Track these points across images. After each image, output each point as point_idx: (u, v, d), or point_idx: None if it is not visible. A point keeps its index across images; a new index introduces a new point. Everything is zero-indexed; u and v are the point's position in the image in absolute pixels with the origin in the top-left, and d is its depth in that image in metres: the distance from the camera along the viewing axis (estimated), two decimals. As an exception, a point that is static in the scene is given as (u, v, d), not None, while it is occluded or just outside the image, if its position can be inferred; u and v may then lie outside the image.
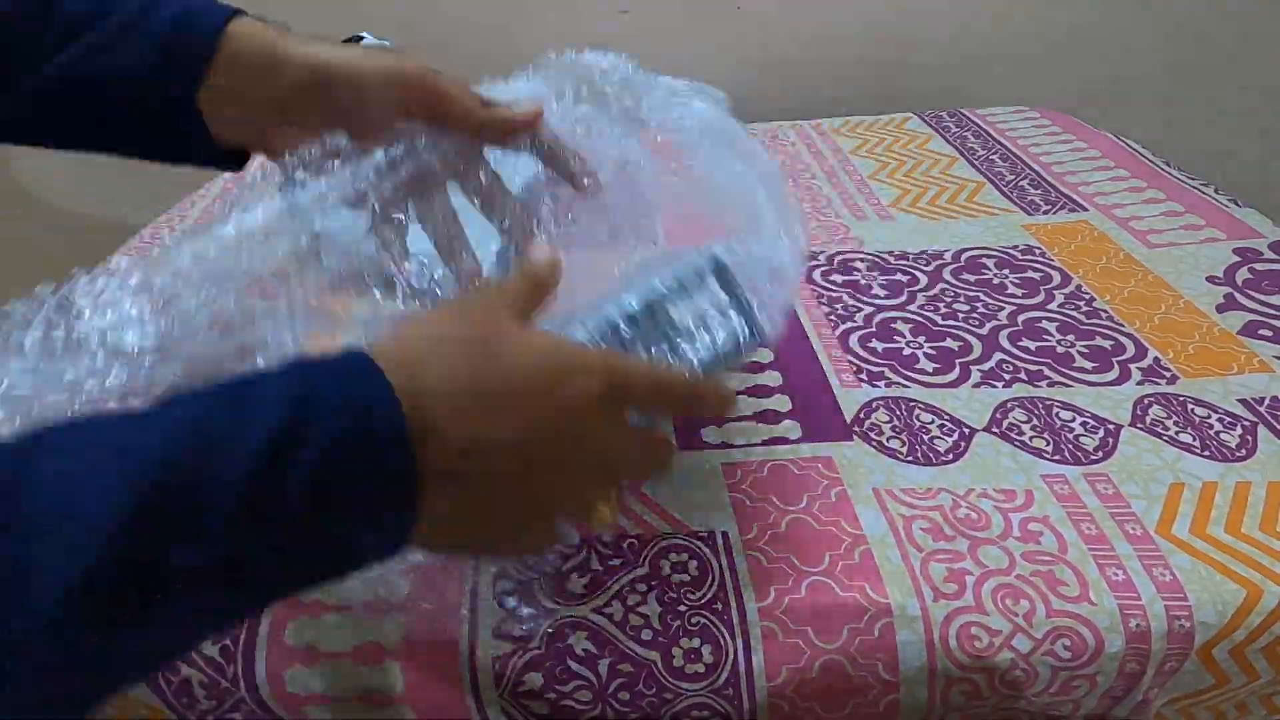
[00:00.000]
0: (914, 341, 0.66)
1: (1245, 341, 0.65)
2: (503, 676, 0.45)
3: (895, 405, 0.59)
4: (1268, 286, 0.71)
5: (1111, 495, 0.52)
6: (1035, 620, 0.45)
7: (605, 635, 0.45)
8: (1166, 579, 0.46)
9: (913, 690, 0.45)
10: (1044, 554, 0.48)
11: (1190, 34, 1.30)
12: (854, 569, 0.47)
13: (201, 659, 0.46)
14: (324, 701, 0.46)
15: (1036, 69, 1.31)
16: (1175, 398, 0.59)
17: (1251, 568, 0.47)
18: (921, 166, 0.98)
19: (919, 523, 0.50)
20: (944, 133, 1.07)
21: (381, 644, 0.46)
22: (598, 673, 0.44)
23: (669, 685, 0.44)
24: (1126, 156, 0.97)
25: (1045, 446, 0.55)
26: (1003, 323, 0.68)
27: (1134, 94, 1.34)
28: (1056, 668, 0.45)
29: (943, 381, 0.62)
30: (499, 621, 0.46)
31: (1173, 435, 0.56)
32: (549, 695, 0.44)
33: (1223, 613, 0.45)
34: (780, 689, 0.45)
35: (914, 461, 0.55)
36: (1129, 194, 0.88)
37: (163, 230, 0.89)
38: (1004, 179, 0.94)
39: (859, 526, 0.50)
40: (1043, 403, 0.59)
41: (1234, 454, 0.54)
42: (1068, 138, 1.03)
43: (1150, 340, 0.65)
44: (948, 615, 0.45)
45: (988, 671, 0.45)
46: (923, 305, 0.71)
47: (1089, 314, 0.69)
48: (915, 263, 0.77)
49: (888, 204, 0.90)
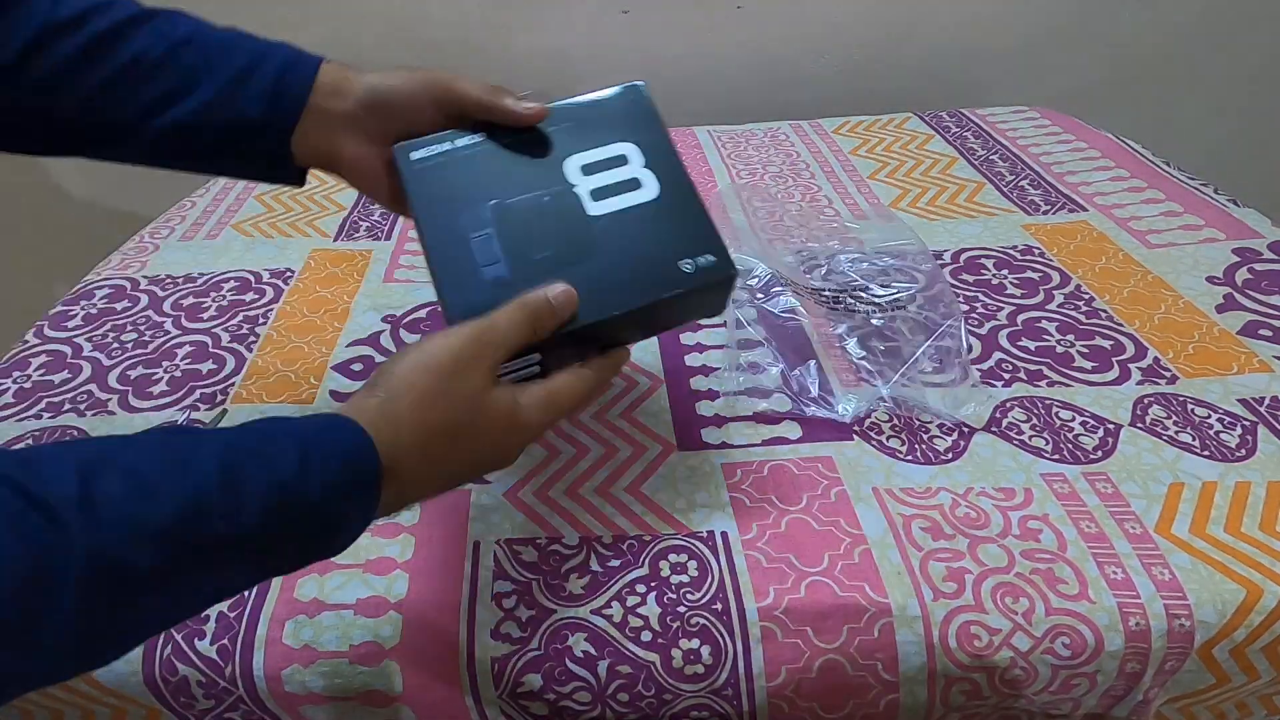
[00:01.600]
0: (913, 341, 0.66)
1: (1245, 341, 0.65)
2: (502, 677, 0.45)
3: (896, 404, 0.59)
4: (1267, 286, 0.71)
5: (1111, 494, 0.52)
6: (1035, 619, 0.45)
7: (604, 636, 0.45)
8: (1166, 578, 0.46)
9: (913, 690, 0.45)
10: (1043, 552, 0.48)
11: (1190, 33, 1.30)
12: (854, 569, 0.47)
13: (199, 659, 0.46)
14: (322, 701, 0.46)
15: (1036, 69, 1.31)
16: (1175, 397, 0.59)
17: (1251, 567, 0.47)
18: (921, 166, 0.98)
19: (918, 522, 0.50)
20: (944, 133, 1.07)
21: (380, 644, 0.46)
22: (597, 674, 0.44)
23: (668, 686, 0.44)
24: (1126, 156, 0.97)
25: (1045, 446, 0.55)
26: (1002, 323, 0.68)
27: (1134, 94, 1.34)
28: (1056, 666, 0.45)
29: (943, 381, 0.61)
30: (498, 622, 0.46)
31: (1172, 435, 0.56)
32: (548, 696, 0.44)
33: (1223, 612, 0.45)
34: (780, 689, 0.45)
35: (913, 461, 0.55)
36: (1129, 194, 0.88)
37: (162, 230, 0.89)
38: (1004, 179, 0.94)
39: (859, 526, 0.50)
40: (1042, 402, 0.59)
41: (1234, 454, 0.54)
42: (1068, 138, 1.03)
43: (1150, 340, 0.65)
44: (947, 614, 0.45)
45: (988, 670, 0.45)
46: (922, 305, 0.71)
47: (1089, 314, 0.69)
48: (916, 263, 0.77)
49: (888, 204, 0.90)
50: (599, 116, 0.49)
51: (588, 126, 0.48)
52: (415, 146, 0.47)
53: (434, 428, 0.37)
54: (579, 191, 0.46)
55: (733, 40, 1.25)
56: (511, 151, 0.47)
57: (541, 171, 0.47)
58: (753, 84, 1.29)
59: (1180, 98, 1.35)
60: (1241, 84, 1.35)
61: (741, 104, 1.29)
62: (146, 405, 0.63)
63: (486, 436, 0.39)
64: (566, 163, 0.47)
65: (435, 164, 0.47)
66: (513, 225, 0.45)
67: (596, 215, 0.46)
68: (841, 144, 1.06)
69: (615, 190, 0.46)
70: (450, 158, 0.47)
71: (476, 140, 0.47)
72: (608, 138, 0.48)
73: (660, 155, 0.48)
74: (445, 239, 0.45)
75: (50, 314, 0.75)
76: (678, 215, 0.46)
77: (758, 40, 1.25)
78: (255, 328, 0.72)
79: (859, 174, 0.97)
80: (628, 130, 0.48)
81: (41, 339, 0.71)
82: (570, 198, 0.46)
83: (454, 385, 0.38)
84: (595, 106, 0.49)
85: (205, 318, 0.73)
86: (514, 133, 0.47)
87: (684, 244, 0.45)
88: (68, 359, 0.69)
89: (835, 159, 1.02)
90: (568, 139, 0.48)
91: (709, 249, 0.45)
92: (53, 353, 0.70)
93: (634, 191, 0.46)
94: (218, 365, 0.67)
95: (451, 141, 0.47)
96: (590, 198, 0.46)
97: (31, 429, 0.61)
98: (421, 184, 0.46)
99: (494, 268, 0.44)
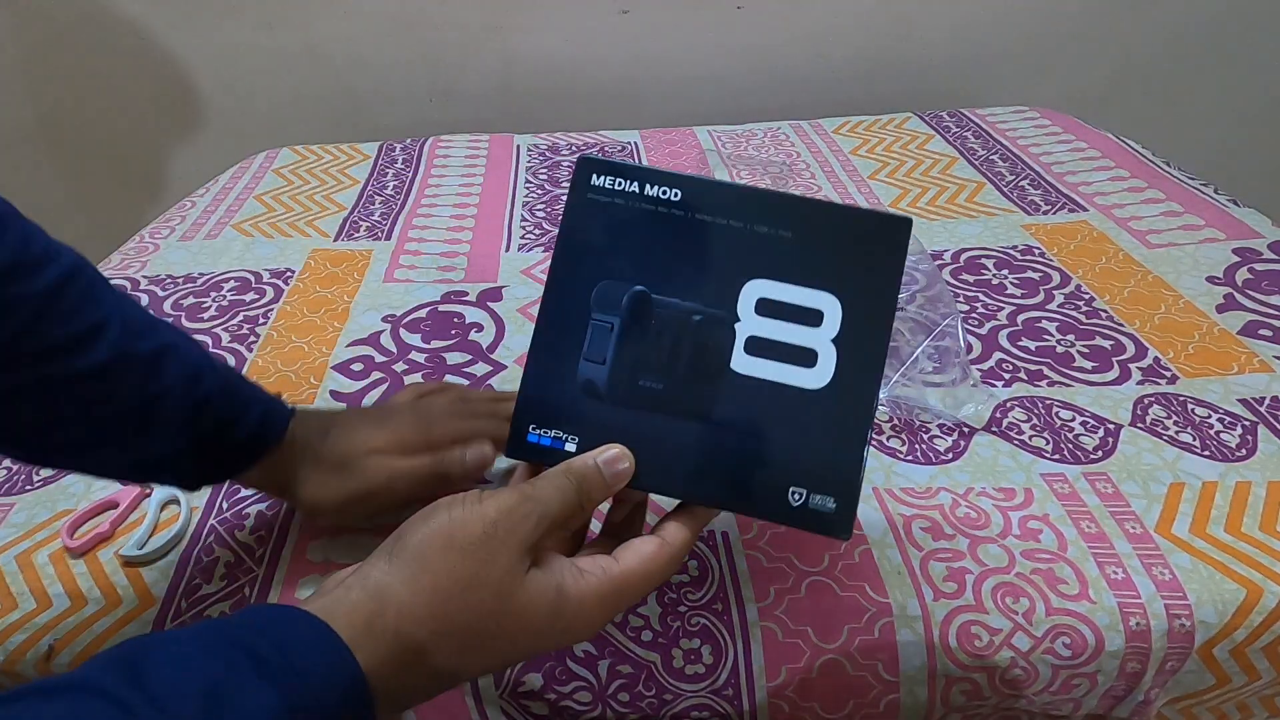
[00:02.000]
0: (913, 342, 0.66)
1: (1245, 341, 0.65)
2: (502, 677, 0.45)
3: (895, 405, 0.59)
4: (1267, 286, 0.71)
5: (1111, 494, 0.52)
6: (1035, 619, 0.45)
7: (605, 636, 0.45)
8: (1166, 578, 0.46)
9: (913, 690, 0.45)
10: (1044, 552, 0.48)
11: (1190, 33, 1.30)
12: (854, 569, 0.47)
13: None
14: (323, 701, 0.46)
15: (1036, 69, 1.31)
16: (1175, 397, 0.59)
17: (1251, 567, 0.47)
18: (922, 166, 0.98)
19: (919, 522, 0.50)
20: (944, 133, 1.07)
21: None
22: (597, 673, 0.44)
23: (669, 686, 0.44)
24: (1126, 156, 0.97)
25: (1045, 445, 0.55)
26: (1002, 323, 0.68)
27: (1134, 94, 1.34)
28: (1057, 666, 0.45)
29: (943, 381, 0.61)
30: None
31: (1173, 435, 0.56)
32: (549, 696, 0.44)
33: (1223, 612, 0.45)
34: (780, 689, 0.45)
35: (914, 461, 0.55)
36: (1129, 194, 0.88)
37: (162, 230, 0.89)
38: (1004, 179, 0.94)
39: (859, 526, 0.50)
40: (1042, 402, 0.59)
41: (1234, 454, 0.54)
42: (1068, 138, 1.03)
43: (1150, 340, 0.65)
44: (948, 614, 0.45)
45: (988, 670, 0.45)
46: (922, 305, 0.71)
47: (1089, 314, 0.69)
48: (915, 263, 0.77)
49: (888, 204, 0.90)
50: (830, 240, 0.37)
51: (808, 247, 0.37)
52: (600, 167, 0.38)
53: (453, 620, 0.32)
54: (739, 329, 0.36)
55: (733, 40, 1.25)
56: (698, 235, 0.37)
57: (713, 281, 0.37)
58: (753, 84, 1.29)
59: (1180, 98, 1.35)
60: (1241, 84, 1.35)
61: (741, 104, 1.29)
62: (147, 405, 0.63)
63: (521, 629, 0.33)
64: (749, 286, 0.37)
65: (607, 203, 0.38)
66: (642, 328, 0.37)
67: (739, 372, 0.36)
68: (842, 144, 1.06)
69: (780, 354, 0.36)
70: (630, 204, 0.38)
71: (668, 196, 0.37)
72: (815, 278, 0.36)
73: (863, 332, 0.36)
74: (565, 305, 0.37)
75: (50, 314, 0.75)
76: (830, 426, 0.36)
77: (758, 40, 1.25)
78: (255, 328, 0.72)
79: (859, 174, 0.97)
80: (846, 279, 0.36)
81: (42, 339, 0.71)
82: (724, 333, 0.36)
83: (482, 570, 0.32)
84: (835, 223, 0.37)
85: (205, 318, 0.73)
86: (716, 206, 0.37)
87: (810, 468, 0.36)
88: (68, 359, 0.69)
89: (835, 159, 1.02)
90: (771, 253, 0.37)
91: (835, 489, 0.35)
92: (53, 353, 0.70)
93: (800, 367, 0.36)
94: (218, 365, 0.67)
95: (642, 183, 0.38)
96: (745, 346, 0.36)
97: (32, 429, 0.61)
98: (582, 218, 0.38)
99: (594, 368, 0.37)
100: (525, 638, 0.33)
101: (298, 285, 0.78)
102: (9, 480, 0.56)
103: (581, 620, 0.34)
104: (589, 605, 0.34)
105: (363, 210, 0.93)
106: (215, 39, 1.25)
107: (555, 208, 0.92)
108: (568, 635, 0.34)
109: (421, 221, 0.90)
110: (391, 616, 0.31)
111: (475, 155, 1.07)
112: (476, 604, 0.32)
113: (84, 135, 1.32)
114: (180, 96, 1.29)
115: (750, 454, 0.36)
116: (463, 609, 0.32)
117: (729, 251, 0.37)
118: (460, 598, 0.32)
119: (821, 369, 0.36)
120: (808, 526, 0.36)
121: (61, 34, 1.24)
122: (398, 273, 0.80)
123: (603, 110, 1.30)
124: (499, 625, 0.32)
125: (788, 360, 0.36)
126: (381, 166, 1.05)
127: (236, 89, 1.29)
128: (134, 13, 1.22)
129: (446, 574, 0.32)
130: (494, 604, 0.32)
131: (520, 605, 0.32)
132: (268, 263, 0.82)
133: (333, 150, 1.10)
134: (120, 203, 1.35)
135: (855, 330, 0.36)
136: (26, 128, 1.31)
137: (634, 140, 1.10)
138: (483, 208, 0.93)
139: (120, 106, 1.30)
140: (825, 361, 0.36)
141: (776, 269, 0.37)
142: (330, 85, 1.28)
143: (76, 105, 1.30)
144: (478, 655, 0.33)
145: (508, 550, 0.32)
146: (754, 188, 0.38)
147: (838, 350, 0.36)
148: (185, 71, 1.27)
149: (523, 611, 0.33)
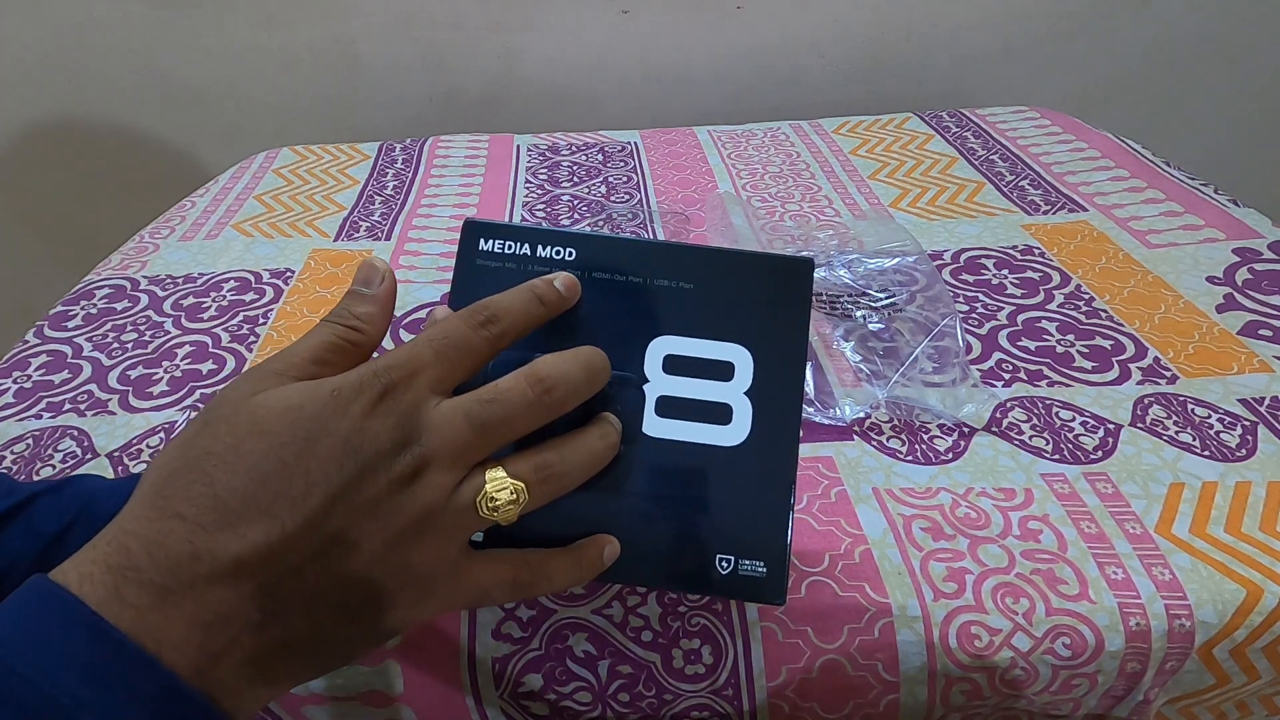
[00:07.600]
0: (912, 342, 0.66)
1: (1245, 341, 0.65)
2: (502, 677, 0.45)
3: (895, 405, 0.59)
4: (1267, 286, 0.71)
5: (1111, 494, 0.52)
6: (1035, 619, 0.45)
7: (605, 636, 0.45)
8: (1166, 578, 0.46)
9: (913, 690, 0.45)
10: (1044, 552, 0.48)
11: (1190, 34, 1.30)
12: (854, 569, 0.47)
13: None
14: (323, 701, 0.46)
15: (1036, 69, 1.31)
16: (1175, 397, 0.59)
17: (1251, 568, 0.47)
18: (922, 166, 0.98)
19: (919, 522, 0.50)
20: (944, 133, 1.07)
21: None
22: (597, 674, 0.44)
23: (669, 686, 0.44)
24: (1126, 156, 0.97)
25: (1045, 446, 0.55)
26: (1002, 323, 0.68)
27: (1134, 94, 1.34)
28: (1057, 666, 0.45)
29: (943, 381, 0.62)
30: (499, 622, 0.46)
31: (1173, 435, 0.56)
32: (549, 696, 0.44)
33: (1223, 612, 0.45)
34: (780, 689, 0.45)
35: (913, 461, 0.55)
36: (1129, 194, 0.88)
37: (162, 230, 0.89)
38: (1004, 179, 0.94)
39: (859, 526, 0.50)
40: (1042, 402, 0.59)
41: (1234, 454, 0.54)
42: (1068, 138, 1.03)
43: (1150, 340, 0.65)
44: (948, 614, 0.45)
45: (988, 670, 0.45)
46: (921, 306, 0.71)
47: (1089, 314, 0.69)
48: (915, 263, 0.77)
49: (888, 204, 0.90)
50: (732, 289, 0.35)
51: (712, 298, 0.35)
52: (487, 231, 0.36)
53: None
54: (649, 390, 0.34)
55: (733, 40, 1.25)
56: (596, 295, 0.35)
57: (618, 342, 0.34)
58: (753, 84, 1.29)
59: (1180, 98, 1.35)
60: (1241, 83, 1.35)
61: (741, 104, 1.29)
62: (146, 405, 0.63)
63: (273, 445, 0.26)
64: (655, 344, 0.35)
65: (497, 268, 0.35)
66: None
67: (652, 436, 0.34)
68: (841, 144, 1.06)
69: (693, 412, 0.34)
70: (522, 267, 0.35)
71: (562, 256, 0.35)
72: (722, 330, 0.35)
73: (776, 382, 0.34)
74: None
75: (50, 314, 0.75)
76: (752, 484, 0.34)
77: (758, 40, 1.26)
78: (255, 328, 0.72)
79: (859, 174, 0.97)
80: (753, 328, 0.35)
81: (41, 339, 0.71)
82: (634, 395, 0.34)
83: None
84: (735, 270, 0.35)
85: (205, 318, 0.73)
86: (613, 263, 0.35)
87: (735, 532, 0.34)
88: (68, 359, 0.69)
89: (835, 159, 1.02)
90: (675, 307, 0.35)
91: (764, 553, 0.34)
92: (53, 353, 0.70)
93: (715, 425, 0.34)
94: (218, 365, 0.67)
95: (533, 245, 0.35)
96: (655, 407, 0.34)
97: (32, 429, 0.61)
98: (472, 285, 0.35)
99: None
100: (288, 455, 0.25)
101: (298, 285, 0.78)
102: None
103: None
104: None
105: (363, 210, 0.93)
106: (215, 38, 1.25)
107: (555, 208, 0.92)
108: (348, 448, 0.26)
109: (421, 222, 0.90)
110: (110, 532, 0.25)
111: (475, 155, 1.07)
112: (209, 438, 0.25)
113: (84, 135, 1.32)
114: (180, 96, 1.29)
115: (671, 525, 0.34)
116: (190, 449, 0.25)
117: (631, 309, 0.35)
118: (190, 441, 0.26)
119: (738, 424, 0.34)
120: (739, 595, 0.34)
121: (62, 34, 1.24)
122: (398, 273, 0.80)
123: (603, 110, 1.30)
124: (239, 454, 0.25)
125: (701, 419, 0.34)
126: (381, 166, 1.05)
127: (236, 89, 1.29)
128: (134, 12, 1.22)
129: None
130: (226, 427, 0.25)
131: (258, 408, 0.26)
132: (268, 263, 0.82)
133: (333, 150, 1.10)
134: (120, 203, 1.35)
135: (768, 381, 0.34)
136: (27, 128, 1.31)
137: (634, 140, 1.10)
138: (483, 208, 0.93)
139: (120, 106, 1.30)
140: (741, 416, 0.34)
141: (681, 324, 0.35)
142: (330, 85, 1.28)
143: (77, 105, 1.30)
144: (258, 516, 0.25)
145: (249, 380, 0.27)
146: (651, 241, 0.37)
147: (752, 403, 0.34)
148: (185, 71, 1.27)
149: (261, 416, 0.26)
